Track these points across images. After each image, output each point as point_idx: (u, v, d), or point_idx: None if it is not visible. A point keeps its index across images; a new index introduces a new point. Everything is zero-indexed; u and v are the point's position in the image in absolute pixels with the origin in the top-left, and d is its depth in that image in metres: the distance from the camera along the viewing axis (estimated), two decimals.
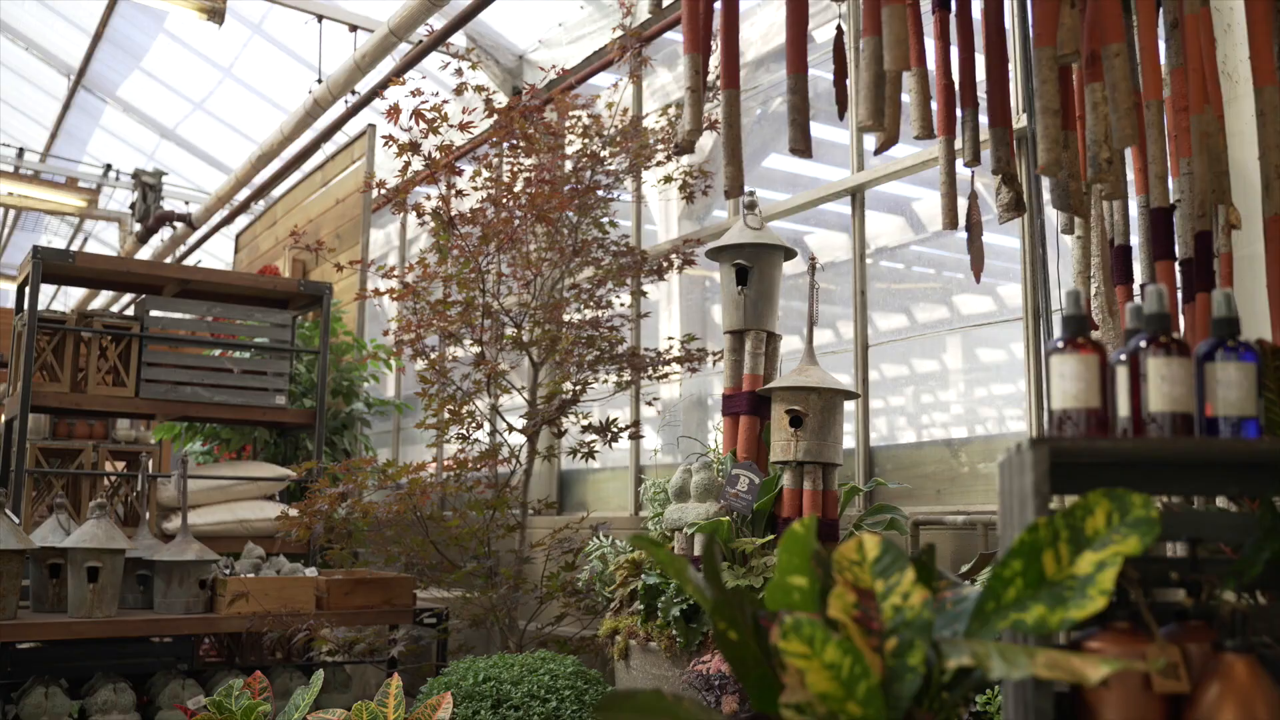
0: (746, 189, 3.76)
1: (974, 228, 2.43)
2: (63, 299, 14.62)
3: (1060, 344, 1.46)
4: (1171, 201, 2.25)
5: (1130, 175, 2.64)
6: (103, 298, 12.18)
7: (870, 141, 4.54)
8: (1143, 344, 1.45)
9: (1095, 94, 2.06)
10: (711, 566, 1.32)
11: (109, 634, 3.98)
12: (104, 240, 13.42)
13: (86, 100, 9.93)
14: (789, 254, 3.72)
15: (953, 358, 5.25)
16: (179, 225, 9.57)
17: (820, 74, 5.46)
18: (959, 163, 2.60)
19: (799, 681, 1.24)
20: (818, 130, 5.80)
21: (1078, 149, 2.46)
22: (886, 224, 4.92)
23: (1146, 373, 1.43)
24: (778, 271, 3.70)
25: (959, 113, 2.48)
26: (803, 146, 2.13)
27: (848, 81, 2.35)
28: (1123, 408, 1.47)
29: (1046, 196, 3.31)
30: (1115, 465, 1.50)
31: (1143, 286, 2.61)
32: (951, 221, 2.38)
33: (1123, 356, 1.49)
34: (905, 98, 2.31)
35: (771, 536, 3.24)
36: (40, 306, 4.71)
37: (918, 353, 5.36)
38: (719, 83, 3.91)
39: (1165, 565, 1.45)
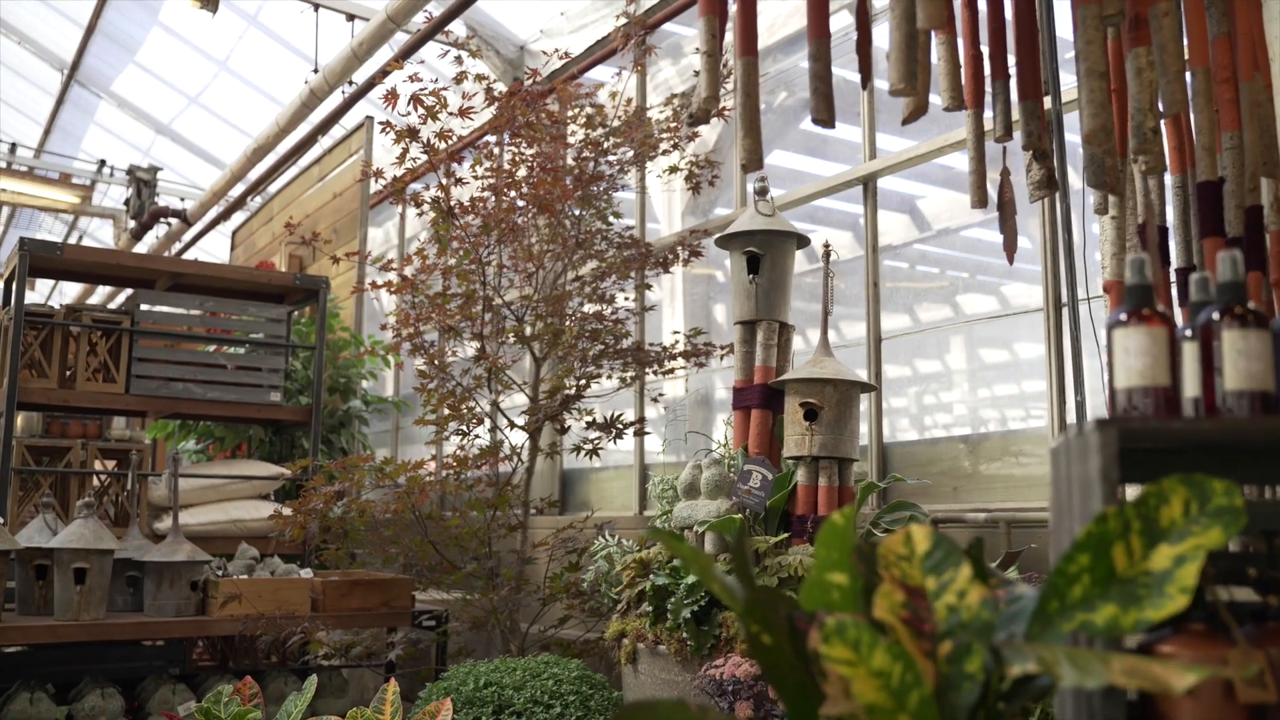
0: (756, 175, 3.63)
1: (1006, 206, 2.29)
2: (59, 298, 14.48)
3: (1124, 316, 1.32)
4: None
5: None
6: (99, 295, 12.03)
7: (879, 137, 4.41)
8: (1215, 316, 1.32)
9: (1140, 59, 1.92)
10: (742, 563, 1.19)
11: (96, 637, 3.86)
12: (99, 238, 13.28)
13: (80, 95, 9.79)
14: (802, 241, 3.58)
15: (964, 355, 5.12)
16: (174, 222, 9.44)
17: (834, 70, 5.33)
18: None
19: (842, 691, 1.10)
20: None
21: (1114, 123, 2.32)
22: (890, 222, 4.79)
23: (1221, 347, 1.29)
24: (790, 260, 3.56)
25: (988, 85, 2.34)
26: (826, 116, 1.99)
27: (872, 49, 2.21)
28: (1190, 387, 1.33)
29: (1074, 184, 3.17)
30: (1182, 450, 1.37)
31: (1179, 271, 2.48)
32: (981, 200, 2.25)
33: (1188, 331, 1.36)
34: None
35: (785, 535, 3.11)
36: (37, 303, 4.59)
37: (929, 351, 5.23)
38: (730, 69, 3.78)
39: (1239, 561, 1.32)
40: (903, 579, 1.17)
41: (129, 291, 5.11)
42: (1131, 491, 1.44)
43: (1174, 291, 2.64)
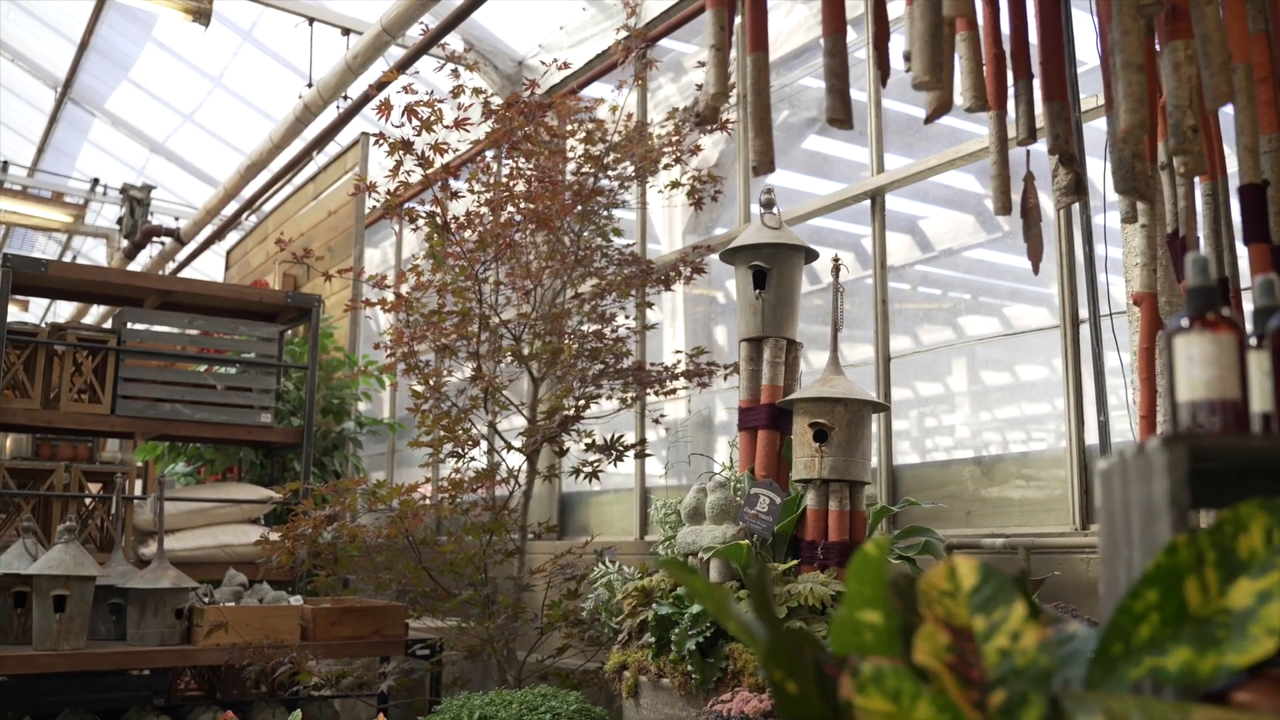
0: (763, 188, 3.50)
1: (1031, 212, 2.16)
2: (53, 318, 14.34)
3: (1187, 322, 1.19)
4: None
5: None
6: (94, 315, 11.89)
7: (889, 152, 4.29)
8: None
9: (1178, 53, 1.80)
10: (763, 601, 1.05)
11: (75, 668, 3.71)
12: (93, 258, 13.15)
13: (74, 114, 9.69)
14: (810, 255, 3.45)
15: (967, 377, 5.00)
16: (167, 241, 9.31)
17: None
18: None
19: None
20: (827, 145, 5.60)
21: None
22: (893, 243, 4.70)
23: None
24: (798, 274, 3.42)
25: (1011, 85, 2.22)
26: (843, 116, 1.86)
27: (889, 45, 2.08)
28: (1259, 400, 1.20)
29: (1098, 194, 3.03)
30: (1247, 473, 1.23)
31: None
32: (1004, 206, 2.12)
33: (1254, 340, 1.22)
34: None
35: (795, 562, 2.96)
36: (21, 321, 4.45)
37: (931, 373, 5.11)
38: (735, 85, 3.66)
39: None
40: (947, 618, 1.03)
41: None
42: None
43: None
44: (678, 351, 4.50)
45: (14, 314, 13.37)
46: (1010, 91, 2.25)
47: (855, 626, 1.08)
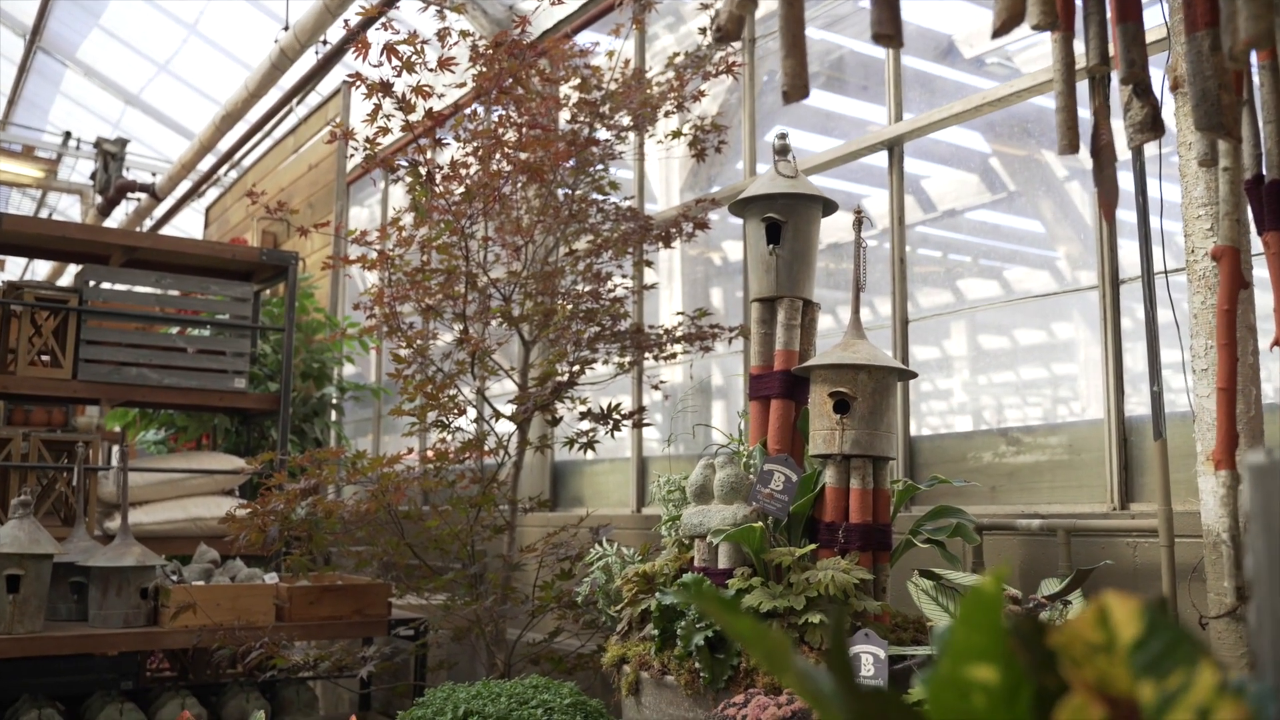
0: (778, 133, 3.19)
1: (1103, 150, 1.86)
2: (31, 276, 13.94)
3: None
4: None
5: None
6: (71, 274, 11.52)
7: (881, 112, 3.98)
8: None
9: None
10: (842, 660, 0.76)
11: (31, 652, 3.45)
12: (68, 215, 12.75)
13: (45, 64, 9.29)
14: (829, 207, 3.13)
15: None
16: (143, 197, 8.94)
17: (841, 41, 4.90)
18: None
19: None
20: (839, 103, 5.27)
21: (1220, 54, 1.88)
22: (894, 202, 4.39)
23: None
24: (815, 229, 3.11)
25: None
26: (891, 30, 1.56)
27: None
28: None
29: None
30: None
31: None
32: (1072, 143, 1.82)
33: None
34: None
35: (812, 546, 2.68)
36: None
37: (943, 338, 4.85)
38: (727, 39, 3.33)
39: None
40: (1100, 683, 0.74)
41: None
42: None
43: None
44: (679, 313, 4.20)
45: None
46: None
47: (962, 686, 0.79)
